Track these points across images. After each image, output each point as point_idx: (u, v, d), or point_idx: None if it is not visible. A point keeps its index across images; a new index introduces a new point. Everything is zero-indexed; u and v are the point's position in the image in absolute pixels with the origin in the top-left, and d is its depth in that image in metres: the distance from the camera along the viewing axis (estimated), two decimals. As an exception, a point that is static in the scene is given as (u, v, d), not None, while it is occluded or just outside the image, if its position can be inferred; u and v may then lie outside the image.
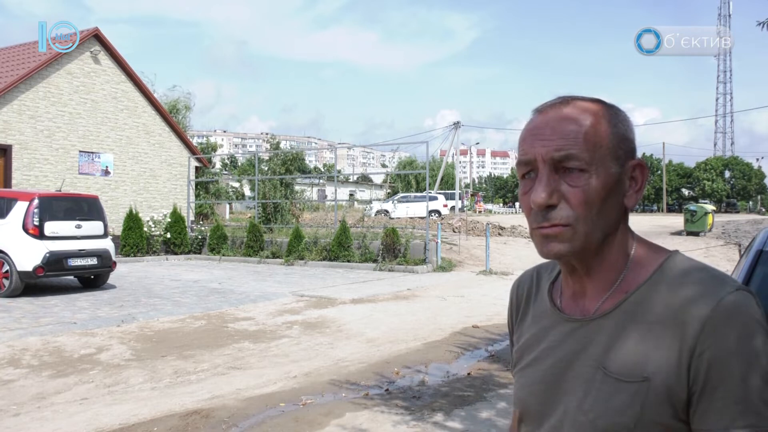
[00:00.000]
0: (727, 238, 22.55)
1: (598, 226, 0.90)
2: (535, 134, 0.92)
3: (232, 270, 15.07)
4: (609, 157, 0.90)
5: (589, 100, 0.95)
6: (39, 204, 10.21)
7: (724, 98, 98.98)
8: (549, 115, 0.93)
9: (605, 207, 0.90)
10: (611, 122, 0.92)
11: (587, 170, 0.89)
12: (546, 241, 0.91)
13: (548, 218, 0.90)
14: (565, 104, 0.93)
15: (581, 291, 0.97)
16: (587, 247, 0.91)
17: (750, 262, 3.11)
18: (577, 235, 0.89)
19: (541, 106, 0.96)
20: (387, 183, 51.52)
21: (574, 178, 0.89)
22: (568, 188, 0.89)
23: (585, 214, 0.89)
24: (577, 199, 0.89)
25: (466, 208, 45.11)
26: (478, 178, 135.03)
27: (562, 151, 0.89)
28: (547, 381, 0.97)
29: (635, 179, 0.94)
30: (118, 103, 20.00)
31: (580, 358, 0.93)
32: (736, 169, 76.39)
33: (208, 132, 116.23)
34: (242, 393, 5.25)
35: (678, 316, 0.86)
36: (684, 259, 0.94)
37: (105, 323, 8.04)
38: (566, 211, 0.89)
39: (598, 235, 0.91)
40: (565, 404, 0.94)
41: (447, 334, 7.74)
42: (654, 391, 0.85)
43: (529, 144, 0.92)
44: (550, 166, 0.90)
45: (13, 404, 4.92)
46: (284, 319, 8.64)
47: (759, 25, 5.69)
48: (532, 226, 0.93)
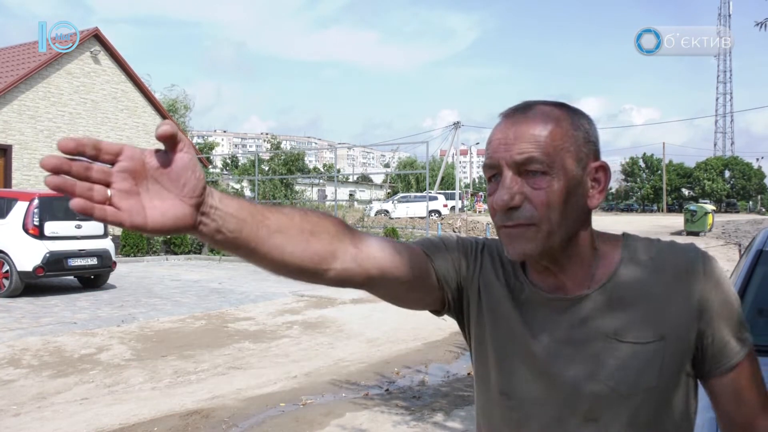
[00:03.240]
0: (727, 238, 22.56)
1: (561, 225, 0.93)
2: (499, 138, 0.95)
3: (233, 270, 15.07)
4: (570, 160, 0.94)
5: (552, 105, 0.98)
6: (39, 204, 10.20)
7: (724, 98, 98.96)
8: (513, 119, 0.96)
9: (567, 208, 0.93)
10: (573, 126, 0.96)
11: (548, 173, 0.92)
12: (511, 240, 0.95)
13: (512, 218, 0.93)
14: (528, 109, 0.96)
15: (559, 284, 1.00)
16: (551, 245, 0.94)
17: (750, 261, 3.12)
18: (540, 234, 0.93)
19: (507, 110, 0.99)
20: (387, 183, 51.51)
21: (536, 181, 0.92)
22: (530, 190, 0.92)
23: (547, 215, 0.92)
24: (539, 200, 0.92)
25: (466, 208, 45.10)
26: (478, 178, 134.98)
27: (524, 155, 0.92)
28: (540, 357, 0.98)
29: (598, 180, 0.97)
30: (118, 103, 20.00)
31: (582, 333, 0.97)
32: (736, 169, 76.35)
33: (208, 132, 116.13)
34: (242, 393, 5.25)
35: (673, 274, 0.96)
36: (636, 236, 1.04)
37: (105, 323, 8.04)
38: (529, 211, 0.92)
39: (561, 235, 0.94)
40: (573, 380, 0.95)
41: (447, 334, 7.74)
42: (672, 346, 0.94)
43: (494, 148, 0.95)
44: (513, 170, 0.93)
45: (13, 404, 4.93)
46: (284, 319, 8.65)
47: (757, 25, 5.69)
48: (497, 225, 0.96)
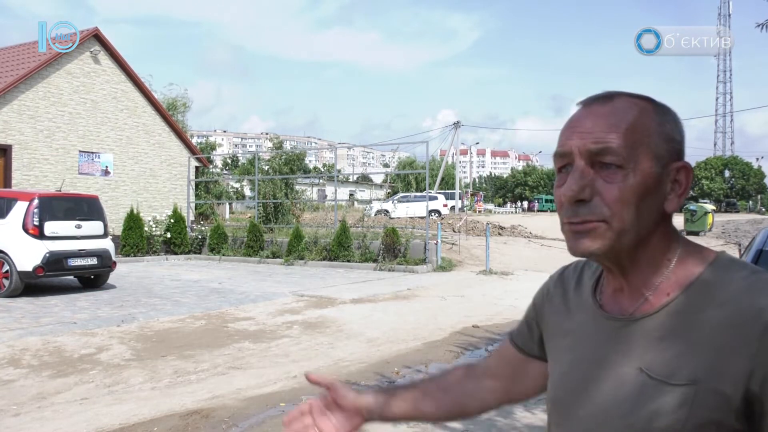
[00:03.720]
0: (726, 238, 22.57)
1: (632, 226, 0.86)
2: (574, 126, 0.89)
3: (232, 270, 15.07)
4: (650, 156, 0.86)
5: (637, 97, 0.90)
6: (39, 204, 10.21)
7: (724, 98, 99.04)
8: (591, 108, 0.90)
9: (641, 207, 0.85)
10: (656, 120, 0.88)
11: (625, 167, 0.85)
12: (576, 237, 0.88)
13: (578, 213, 0.87)
14: (609, 98, 0.90)
15: (620, 289, 0.94)
16: (618, 246, 0.87)
17: (750, 261, 3.12)
18: (609, 233, 0.86)
19: (586, 99, 0.92)
20: (387, 183, 51.52)
21: (610, 174, 0.85)
22: (603, 184, 0.85)
23: (619, 212, 0.85)
24: (611, 195, 0.85)
25: (466, 208, 45.10)
26: (478, 177, 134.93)
27: (600, 144, 0.85)
28: (581, 376, 0.95)
29: (679, 182, 0.89)
30: (118, 103, 19.99)
31: (619, 359, 0.89)
32: (735, 168, 76.40)
33: (208, 132, 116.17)
34: (242, 393, 5.25)
35: (734, 316, 0.81)
36: (733, 260, 0.89)
37: (105, 323, 8.04)
38: (599, 207, 0.85)
39: (632, 236, 0.86)
40: (600, 402, 0.90)
41: (447, 334, 7.74)
42: (703, 395, 0.80)
43: (567, 136, 0.89)
44: (586, 160, 0.86)
45: (13, 404, 4.92)
46: (284, 319, 8.65)
47: (758, 26, 5.69)
48: (563, 220, 0.90)
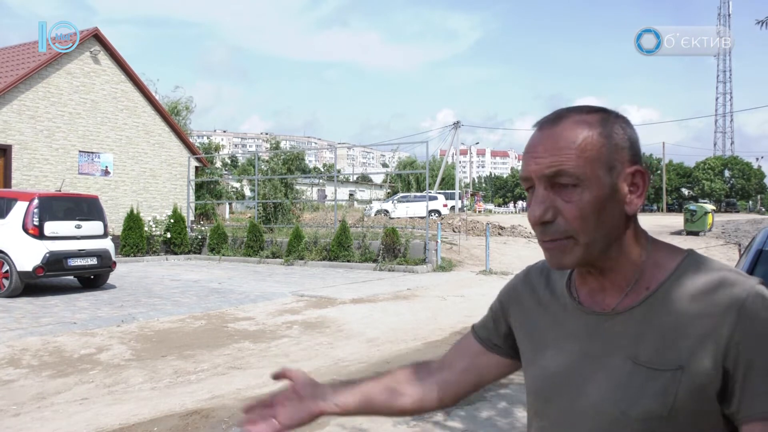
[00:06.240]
0: (726, 238, 22.56)
1: (598, 235, 0.93)
2: (530, 152, 0.95)
3: (232, 270, 15.07)
4: (602, 169, 0.92)
5: (585, 112, 0.95)
6: (39, 204, 10.20)
7: (724, 98, 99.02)
8: (544, 131, 0.95)
9: (602, 217, 0.92)
10: (605, 134, 0.93)
11: (579, 185, 0.91)
12: (551, 253, 0.95)
13: (546, 233, 0.94)
14: (558, 120, 0.95)
15: (599, 288, 1.00)
16: (591, 255, 0.94)
17: (750, 261, 3.12)
18: (578, 247, 0.93)
19: (539, 121, 0.98)
20: (387, 183, 51.51)
21: (567, 194, 0.92)
22: (562, 203, 0.92)
23: (582, 227, 0.92)
24: (571, 213, 0.91)
25: (466, 208, 45.10)
26: (478, 177, 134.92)
27: (553, 168, 0.91)
28: (566, 372, 0.99)
29: (636, 185, 0.95)
30: (117, 103, 20.00)
31: (607, 351, 0.95)
32: (735, 168, 76.40)
33: (207, 132, 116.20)
34: (242, 393, 5.25)
35: (709, 306, 0.88)
36: (702, 257, 0.98)
37: (105, 323, 8.03)
38: (563, 225, 0.92)
39: (600, 245, 0.94)
40: (587, 395, 0.95)
41: (447, 333, 7.74)
42: (689, 379, 0.87)
43: (526, 161, 0.96)
44: (544, 183, 0.93)
45: (13, 404, 4.92)
46: (284, 319, 8.64)
47: (758, 23, 5.69)
48: (538, 240, 0.97)
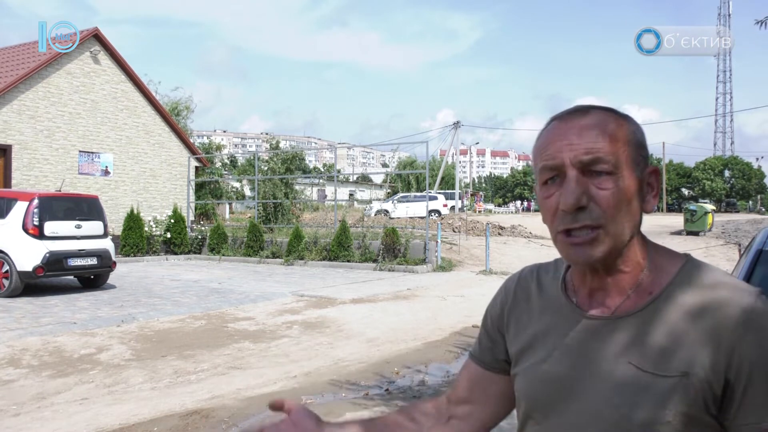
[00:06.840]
0: (726, 238, 22.55)
1: (626, 228, 0.93)
2: (561, 140, 0.95)
3: (232, 270, 15.07)
4: (631, 163, 0.94)
5: (605, 109, 0.98)
6: (39, 204, 10.21)
7: (724, 98, 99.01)
8: (572, 122, 0.96)
9: (631, 210, 0.93)
10: (629, 130, 0.96)
11: (615, 173, 0.92)
12: (577, 249, 0.94)
13: (578, 219, 0.92)
14: (586, 112, 0.97)
15: (601, 288, 0.99)
16: (617, 248, 0.94)
17: (750, 261, 3.12)
18: (608, 237, 0.92)
19: (560, 114, 0.99)
20: (387, 183, 51.50)
21: (602, 182, 0.92)
22: (597, 191, 0.91)
23: (614, 216, 0.91)
24: (607, 201, 0.91)
25: (466, 208, 45.09)
26: (478, 177, 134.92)
27: (591, 155, 0.92)
28: (564, 377, 0.98)
29: (651, 185, 0.98)
30: (117, 103, 20.00)
31: (608, 355, 0.94)
32: (735, 168, 76.36)
33: (208, 132, 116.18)
34: (242, 393, 5.25)
35: (713, 316, 0.89)
36: (700, 263, 0.99)
37: (105, 323, 8.03)
38: (597, 212, 0.91)
39: (626, 237, 0.94)
40: (587, 400, 0.94)
41: (447, 333, 7.74)
42: (693, 386, 0.87)
43: (556, 149, 0.95)
44: (578, 170, 0.92)
45: (13, 404, 4.92)
46: (284, 319, 8.64)
47: (758, 23, 5.68)
48: (558, 229, 0.95)
